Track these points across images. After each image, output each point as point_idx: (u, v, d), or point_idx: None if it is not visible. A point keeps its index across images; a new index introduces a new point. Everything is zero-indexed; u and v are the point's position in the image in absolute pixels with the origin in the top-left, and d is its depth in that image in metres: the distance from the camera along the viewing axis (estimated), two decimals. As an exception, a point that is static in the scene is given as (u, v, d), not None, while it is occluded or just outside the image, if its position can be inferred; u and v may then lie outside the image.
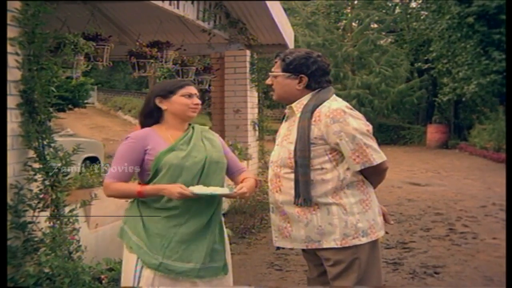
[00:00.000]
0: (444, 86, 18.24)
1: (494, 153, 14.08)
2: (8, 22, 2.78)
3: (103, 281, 3.26)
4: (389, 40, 23.57)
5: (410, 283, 4.17)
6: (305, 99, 2.36)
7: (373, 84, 20.45)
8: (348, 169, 2.29)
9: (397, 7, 24.89)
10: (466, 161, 14.46)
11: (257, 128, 7.45)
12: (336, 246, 2.27)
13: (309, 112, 2.29)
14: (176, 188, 2.20)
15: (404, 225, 6.33)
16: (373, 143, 2.28)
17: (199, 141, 2.40)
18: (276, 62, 2.44)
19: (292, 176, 2.29)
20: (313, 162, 2.27)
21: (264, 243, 5.35)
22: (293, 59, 2.37)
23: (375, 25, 23.52)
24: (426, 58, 19.51)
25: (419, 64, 20.63)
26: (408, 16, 23.41)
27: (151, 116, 2.44)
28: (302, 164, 2.25)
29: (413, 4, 24.08)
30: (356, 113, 2.31)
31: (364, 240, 2.29)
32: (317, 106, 2.29)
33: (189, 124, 2.48)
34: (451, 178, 10.90)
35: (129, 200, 2.43)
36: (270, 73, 2.45)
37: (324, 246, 2.29)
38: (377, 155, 2.27)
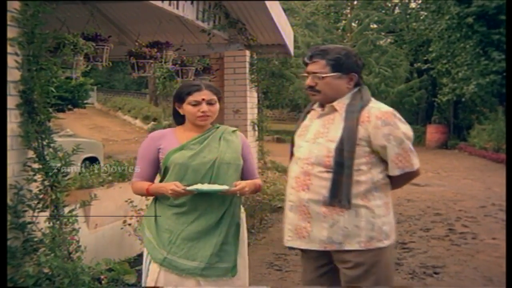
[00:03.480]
0: (444, 87, 18.24)
1: (494, 153, 14.09)
2: (8, 22, 2.78)
3: (103, 281, 3.26)
4: (389, 40, 23.57)
5: (410, 283, 4.17)
6: (346, 98, 2.30)
7: (372, 84, 20.42)
8: (380, 172, 2.27)
9: (397, 8, 24.89)
10: (465, 161, 14.46)
11: (256, 128, 7.45)
12: (360, 248, 2.23)
13: (356, 112, 2.23)
14: (170, 185, 2.26)
15: (404, 225, 6.33)
16: (414, 150, 2.30)
17: (215, 142, 2.41)
18: (315, 61, 2.31)
19: (327, 175, 2.22)
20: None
21: (263, 243, 5.35)
22: (345, 58, 2.29)
23: (375, 26, 23.53)
24: (425, 58, 19.51)
25: (419, 64, 20.64)
26: (408, 16, 23.41)
27: (175, 118, 2.53)
28: (348, 165, 2.18)
29: (413, 5, 24.08)
30: (402, 118, 2.30)
31: (386, 243, 2.27)
32: (364, 107, 2.25)
33: (212, 125, 2.51)
34: (450, 178, 10.90)
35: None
36: (316, 74, 2.30)
37: (346, 248, 2.24)
38: (416, 161, 2.30)
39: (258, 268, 4.53)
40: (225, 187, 2.30)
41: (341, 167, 2.19)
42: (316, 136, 2.30)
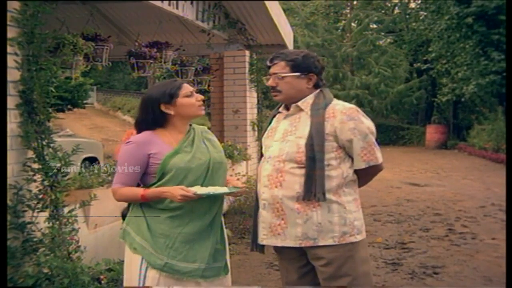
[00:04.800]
0: (443, 87, 18.25)
1: (493, 154, 14.10)
2: (8, 22, 2.78)
3: (102, 282, 3.26)
4: (388, 40, 23.59)
5: (409, 283, 4.17)
6: (309, 98, 2.40)
7: (372, 84, 20.45)
8: (350, 167, 2.35)
9: (396, 8, 24.90)
10: (465, 161, 14.47)
11: (256, 128, 7.45)
12: (333, 243, 2.28)
13: (322, 109, 2.33)
14: (178, 191, 2.19)
15: (403, 225, 6.33)
16: (377, 144, 2.39)
17: (201, 143, 2.39)
18: (275, 63, 2.42)
19: (299, 171, 2.29)
20: None
21: (263, 243, 5.34)
22: (302, 59, 2.40)
23: (374, 26, 23.54)
24: (425, 58, 19.52)
25: (418, 64, 20.65)
26: (407, 16, 23.42)
27: (155, 123, 2.36)
28: (319, 159, 2.26)
29: (412, 5, 24.08)
30: (364, 114, 2.41)
31: (359, 237, 2.34)
32: (328, 104, 2.35)
33: (189, 125, 2.46)
34: (450, 178, 10.90)
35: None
36: (276, 74, 2.41)
37: (320, 244, 2.29)
38: (380, 155, 2.38)
39: (257, 268, 4.53)
40: (226, 189, 2.32)
41: (313, 161, 2.27)
42: (285, 134, 2.40)
